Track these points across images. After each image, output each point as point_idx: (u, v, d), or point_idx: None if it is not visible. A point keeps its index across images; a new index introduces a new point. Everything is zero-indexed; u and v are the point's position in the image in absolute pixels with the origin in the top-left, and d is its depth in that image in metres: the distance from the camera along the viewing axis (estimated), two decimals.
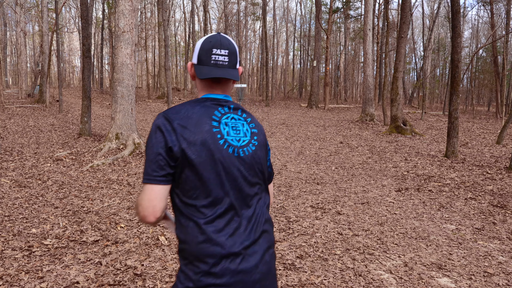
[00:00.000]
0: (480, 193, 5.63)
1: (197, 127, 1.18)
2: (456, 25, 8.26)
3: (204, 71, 1.23)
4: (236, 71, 1.28)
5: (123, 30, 7.74)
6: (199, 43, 1.28)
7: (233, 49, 1.27)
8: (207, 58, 1.24)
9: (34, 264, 3.05)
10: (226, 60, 1.25)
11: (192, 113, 1.20)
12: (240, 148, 1.24)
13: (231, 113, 1.28)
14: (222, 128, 1.22)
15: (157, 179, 1.15)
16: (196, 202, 1.17)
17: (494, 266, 3.24)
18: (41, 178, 5.77)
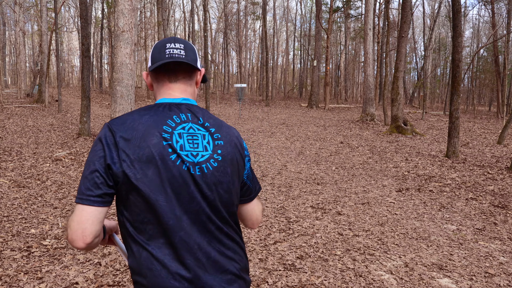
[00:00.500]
0: (481, 193, 5.63)
1: (143, 140, 1.00)
2: (457, 25, 8.26)
3: (156, 61, 1.06)
4: (195, 67, 1.11)
5: (123, 30, 7.75)
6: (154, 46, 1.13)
7: (190, 46, 1.11)
8: (161, 54, 1.07)
9: (33, 264, 3.05)
10: (183, 54, 1.08)
11: (139, 123, 1.02)
12: (197, 164, 1.03)
13: (189, 121, 1.07)
14: (175, 140, 1.03)
15: (90, 199, 0.98)
16: (147, 228, 1.01)
17: (495, 267, 3.24)
18: (40, 178, 5.77)
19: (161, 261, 1.00)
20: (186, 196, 1.03)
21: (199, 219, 1.04)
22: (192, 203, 1.03)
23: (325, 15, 30.78)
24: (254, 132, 12.70)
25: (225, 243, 1.09)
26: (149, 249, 1.01)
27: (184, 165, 1.02)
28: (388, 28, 19.24)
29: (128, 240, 1.05)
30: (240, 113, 18.77)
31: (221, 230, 1.08)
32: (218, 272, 1.06)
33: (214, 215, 1.07)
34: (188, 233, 1.03)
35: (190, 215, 1.03)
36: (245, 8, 39.86)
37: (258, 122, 16.08)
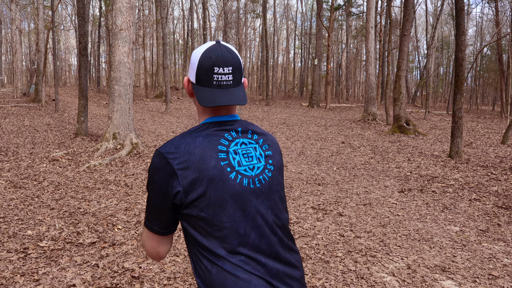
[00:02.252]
0: (485, 194, 5.63)
1: (201, 164, 1.02)
2: (460, 23, 8.26)
3: (206, 96, 1.06)
4: (242, 89, 1.12)
5: (121, 28, 7.75)
6: (196, 57, 1.09)
7: (237, 63, 1.10)
8: (208, 79, 1.07)
9: (30, 266, 3.05)
10: (231, 79, 1.08)
11: (194, 147, 1.04)
12: (255, 177, 1.09)
13: (240, 137, 1.11)
14: (231, 158, 1.06)
15: (157, 230, 1.09)
16: (215, 247, 1.04)
17: (499, 269, 3.24)
18: (37, 178, 5.77)
19: (235, 274, 1.04)
20: (251, 212, 1.07)
21: (264, 233, 1.08)
22: (256, 218, 1.07)
23: (326, 13, 30.78)
24: None
25: (288, 254, 1.14)
26: (220, 265, 1.04)
27: (244, 180, 1.07)
28: (390, 26, 19.24)
29: (196, 257, 1.08)
30: (239, 113, 18.76)
31: (282, 241, 1.12)
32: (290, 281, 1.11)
33: (276, 226, 1.11)
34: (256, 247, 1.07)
35: (256, 230, 1.07)
36: (245, 6, 39.87)
37: (258, 121, 16.08)
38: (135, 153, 7.57)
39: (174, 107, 21.42)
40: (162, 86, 26.32)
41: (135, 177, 6.01)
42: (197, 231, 1.05)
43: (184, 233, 1.10)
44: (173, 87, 33.68)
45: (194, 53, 1.11)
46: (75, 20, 34.89)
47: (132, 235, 3.76)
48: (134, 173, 6.24)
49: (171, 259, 3.25)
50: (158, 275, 2.99)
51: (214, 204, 1.03)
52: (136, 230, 3.89)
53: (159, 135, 11.07)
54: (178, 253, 3.37)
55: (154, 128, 12.78)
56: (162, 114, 17.81)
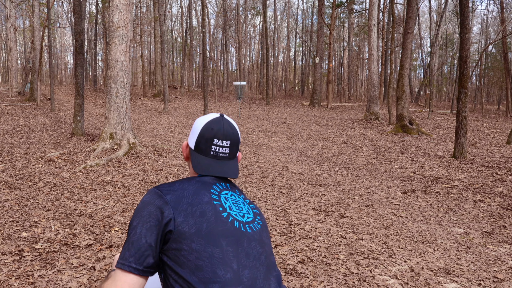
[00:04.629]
0: (490, 195, 5.63)
1: (195, 197, 1.07)
2: (465, 20, 8.27)
3: (201, 164, 1.16)
4: (236, 162, 1.22)
5: (118, 26, 7.75)
6: (199, 125, 1.20)
7: (235, 139, 1.20)
8: (207, 148, 1.17)
9: (25, 269, 3.05)
10: (227, 152, 1.19)
11: (189, 185, 1.10)
12: (246, 224, 1.11)
13: (229, 190, 1.18)
14: (223, 201, 1.11)
15: (135, 268, 0.99)
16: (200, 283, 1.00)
17: (504, 271, 3.24)
18: (32, 179, 5.78)
19: None
20: (242, 252, 1.06)
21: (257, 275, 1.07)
22: (249, 258, 1.07)
23: (328, 10, 30.78)
24: (254, 132, 12.70)
25: None
26: None
27: (235, 222, 1.09)
28: (393, 23, 19.24)
29: None
30: (239, 112, 18.77)
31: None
32: None
33: (270, 274, 1.11)
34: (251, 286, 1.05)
35: (250, 269, 1.06)
36: (244, 3, 39.87)
37: (258, 121, 16.08)
38: (133, 153, 7.57)
39: (172, 106, 21.43)
40: (160, 85, 26.32)
41: (132, 178, 6.01)
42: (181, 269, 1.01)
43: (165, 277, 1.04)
44: (171, 86, 33.68)
45: (198, 122, 1.22)
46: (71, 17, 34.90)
47: None
48: (132, 174, 6.24)
49: None
50: None
51: (206, 236, 1.02)
52: None
53: (157, 135, 11.07)
54: None
55: (152, 127, 12.78)
56: (160, 113, 17.81)
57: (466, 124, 8.28)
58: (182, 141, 10.00)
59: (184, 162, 7.24)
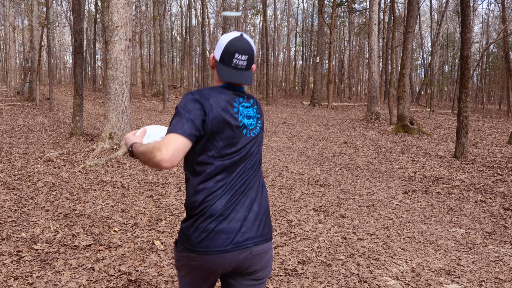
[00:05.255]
0: (491, 195, 5.63)
1: (224, 111, 1.46)
2: (466, 20, 8.27)
3: (225, 72, 1.50)
4: (251, 73, 1.56)
5: (117, 25, 7.75)
6: (224, 41, 1.52)
7: (252, 54, 1.54)
8: (229, 60, 1.50)
9: (24, 269, 3.05)
10: (245, 64, 1.53)
11: (220, 99, 1.47)
12: (250, 130, 1.55)
13: (245, 102, 1.56)
14: (240, 113, 1.52)
15: (188, 134, 1.37)
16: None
17: (505, 272, 3.24)
18: (31, 179, 5.78)
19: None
20: (244, 149, 1.54)
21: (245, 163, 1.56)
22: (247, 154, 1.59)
23: (328, 10, 30.78)
24: None
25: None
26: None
27: (244, 129, 1.52)
28: (394, 23, 19.24)
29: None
30: None
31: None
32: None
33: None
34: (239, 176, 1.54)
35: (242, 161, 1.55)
36: (244, 2, 39.88)
37: None
38: None
39: (172, 106, 21.43)
40: (159, 85, 26.32)
41: (131, 178, 6.01)
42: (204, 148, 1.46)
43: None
44: (170, 85, 33.68)
45: (223, 38, 1.54)
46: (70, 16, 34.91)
47: (128, 238, 3.76)
48: (131, 174, 6.24)
49: (169, 262, 3.26)
50: (156, 278, 2.99)
51: (225, 137, 1.46)
52: (132, 233, 3.89)
53: None
54: None
55: None
56: (159, 113, 17.81)
57: (467, 124, 8.28)
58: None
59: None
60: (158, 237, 3.79)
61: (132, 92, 27.89)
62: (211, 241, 1.41)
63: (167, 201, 4.92)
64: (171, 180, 5.96)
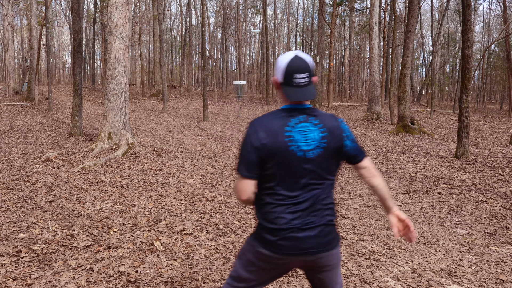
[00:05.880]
0: (492, 195, 5.63)
1: (275, 137, 1.60)
2: (467, 19, 8.26)
3: (289, 93, 1.65)
4: (312, 87, 1.68)
5: (116, 24, 7.75)
6: (282, 64, 1.66)
7: (309, 70, 1.66)
8: (290, 81, 1.65)
9: (22, 270, 3.05)
10: (306, 81, 1.66)
11: (272, 125, 1.64)
12: (307, 151, 1.63)
13: (304, 122, 1.67)
14: (294, 136, 1.63)
15: (247, 175, 1.63)
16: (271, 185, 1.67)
17: (506, 273, 3.24)
18: (30, 180, 5.78)
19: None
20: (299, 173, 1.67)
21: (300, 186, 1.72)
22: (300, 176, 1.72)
23: (329, 9, 30.79)
24: None
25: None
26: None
27: (299, 152, 1.62)
28: (395, 22, 19.24)
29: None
30: (239, 112, 18.76)
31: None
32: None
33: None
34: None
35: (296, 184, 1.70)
36: (244, 1, 39.87)
37: None
38: (131, 153, 7.57)
39: (171, 106, 21.43)
40: (159, 84, 26.33)
41: (131, 178, 6.01)
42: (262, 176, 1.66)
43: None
44: (170, 85, 33.67)
45: (281, 62, 1.68)
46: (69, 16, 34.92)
47: (128, 238, 3.76)
48: (130, 174, 6.24)
49: (168, 263, 3.26)
50: (155, 279, 2.99)
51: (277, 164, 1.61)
52: (132, 233, 3.89)
53: (155, 134, 11.07)
54: (176, 257, 3.38)
55: (150, 127, 12.78)
56: (159, 113, 17.81)
57: (468, 124, 8.28)
58: (181, 141, 10.04)
59: (184, 163, 7.27)
60: (158, 237, 3.79)
61: (131, 92, 27.89)
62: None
63: (167, 202, 4.92)
64: (170, 181, 5.96)
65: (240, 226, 4.18)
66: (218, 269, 3.18)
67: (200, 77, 41.87)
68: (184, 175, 6.35)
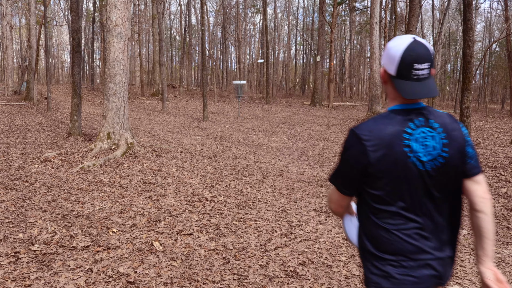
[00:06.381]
0: (494, 196, 5.63)
1: (390, 148, 1.31)
2: (468, 18, 8.27)
3: (406, 89, 1.31)
4: (433, 80, 1.36)
5: (115, 24, 7.75)
6: (397, 51, 1.32)
7: (431, 59, 1.34)
8: (408, 73, 1.32)
9: (21, 271, 3.05)
10: (427, 73, 1.33)
11: (386, 134, 1.32)
12: (426, 163, 1.34)
13: (423, 126, 1.35)
14: (413, 145, 1.33)
15: (344, 192, 1.43)
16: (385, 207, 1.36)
17: (508, 273, 3.24)
18: (29, 180, 5.78)
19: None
20: (417, 190, 1.37)
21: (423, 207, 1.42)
22: (417, 193, 1.41)
23: (329, 8, 30.80)
24: (254, 132, 12.71)
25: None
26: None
27: (419, 165, 1.33)
28: (396, 21, 19.25)
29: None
30: (239, 112, 18.77)
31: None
32: None
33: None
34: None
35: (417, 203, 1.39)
36: (244, 0, 39.87)
37: (258, 121, 16.09)
38: (130, 153, 7.57)
39: (171, 105, 21.43)
40: (158, 84, 26.33)
41: (130, 179, 6.01)
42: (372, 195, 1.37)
43: (360, 197, 1.44)
44: (169, 85, 33.68)
45: (394, 48, 1.33)
46: (68, 15, 34.91)
47: (127, 239, 3.75)
48: (129, 174, 6.24)
49: (168, 264, 3.26)
50: (154, 280, 2.99)
51: (393, 181, 1.32)
52: (131, 234, 3.89)
53: (155, 134, 11.07)
54: (175, 258, 3.38)
55: (150, 127, 12.78)
56: (158, 113, 17.81)
57: (469, 124, 8.28)
58: (181, 141, 10.02)
59: (183, 163, 7.25)
60: (157, 238, 3.79)
61: (130, 92, 27.90)
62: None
63: (166, 202, 4.92)
64: (170, 181, 5.96)
65: (240, 226, 4.18)
66: (218, 270, 3.18)
67: (199, 77, 41.89)
68: (183, 175, 6.35)
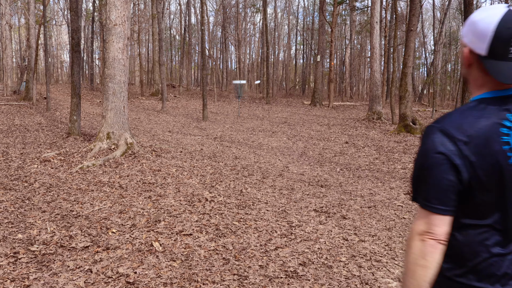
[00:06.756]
0: None
1: (487, 147, 1.04)
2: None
3: (504, 71, 1.04)
4: None
5: (115, 23, 7.75)
6: (488, 25, 1.04)
7: None
8: (504, 52, 1.03)
9: (20, 271, 3.05)
10: None
11: (478, 129, 1.05)
12: None
13: None
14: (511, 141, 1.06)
15: (442, 210, 1.07)
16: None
17: None
18: (28, 180, 5.78)
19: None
20: None
21: None
22: None
23: (329, 8, 30.80)
24: (254, 131, 12.71)
25: None
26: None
27: None
28: (396, 21, 19.24)
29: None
30: (239, 111, 18.77)
31: None
32: None
33: None
34: None
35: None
36: (244, 0, 39.87)
37: (258, 120, 16.09)
38: (130, 153, 7.57)
39: (170, 105, 21.44)
40: (158, 84, 26.33)
41: (130, 179, 6.01)
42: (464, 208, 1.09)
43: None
44: (169, 84, 33.68)
45: (484, 21, 1.05)
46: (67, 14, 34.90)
47: (127, 239, 3.76)
48: (129, 175, 6.24)
49: (168, 264, 3.26)
50: (154, 280, 2.99)
51: (495, 189, 1.06)
52: (131, 234, 3.89)
53: (155, 134, 11.07)
54: (175, 258, 3.38)
55: (149, 127, 12.79)
56: (158, 112, 17.82)
57: None
58: (181, 141, 10.01)
59: (183, 163, 7.24)
60: (157, 238, 3.79)
61: (130, 91, 27.90)
62: None
63: (166, 202, 4.92)
64: (169, 181, 5.96)
65: (240, 227, 4.18)
66: (218, 270, 3.18)
67: (199, 77, 41.90)
68: (183, 175, 6.35)
